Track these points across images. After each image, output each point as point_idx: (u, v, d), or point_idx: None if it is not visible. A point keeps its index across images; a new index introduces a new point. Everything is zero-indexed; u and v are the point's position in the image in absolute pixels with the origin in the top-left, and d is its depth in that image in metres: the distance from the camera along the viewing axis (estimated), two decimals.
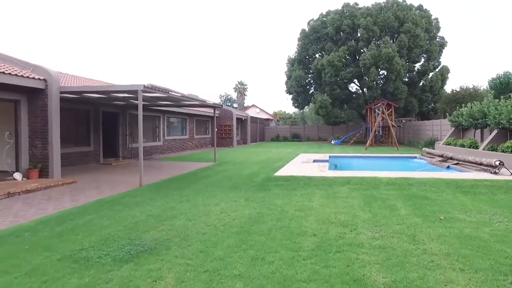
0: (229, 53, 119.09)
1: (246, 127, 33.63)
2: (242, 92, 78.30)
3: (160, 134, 21.05)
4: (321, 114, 30.43)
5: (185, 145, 24.34)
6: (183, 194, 8.24)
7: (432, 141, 21.40)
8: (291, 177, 9.93)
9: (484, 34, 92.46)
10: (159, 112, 20.58)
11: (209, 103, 14.84)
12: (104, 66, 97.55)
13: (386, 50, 26.44)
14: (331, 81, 28.97)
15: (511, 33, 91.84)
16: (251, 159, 17.15)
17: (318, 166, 12.22)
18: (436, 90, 30.04)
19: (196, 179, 10.61)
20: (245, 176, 10.95)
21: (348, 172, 10.56)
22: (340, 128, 37.76)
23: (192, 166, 14.28)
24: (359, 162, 16.59)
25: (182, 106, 17.47)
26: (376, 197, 7.34)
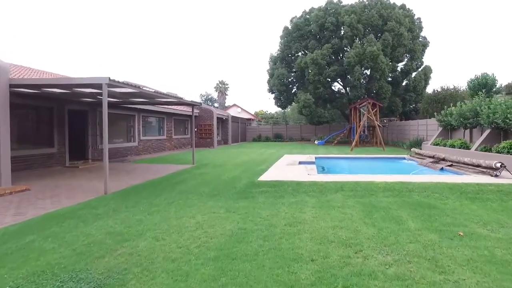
0: (210, 51, 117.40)
1: (227, 127, 32.50)
2: (223, 92, 76.99)
3: (135, 134, 19.68)
4: (304, 114, 29.65)
5: (163, 145, 23.00)
6: (154, 203, 7.10)
7: (419, 141, 20.93)
8: (277, 182, 8.91)
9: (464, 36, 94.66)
10: (134, 111, 19.20)
11: (186, 100, 13.68)
12: (85, 67, 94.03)
13: (370, 48, 25.90)
14: (314, 79, 28.23)
15: (489, 35, 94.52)
16: (232, 160, 16.08)
17: (306, 169, 11.27)
18: (419, 90, 29.81)
19: (171, 184, 9.46)
20: (226, 181, 9.87)
21: (339, 176, 9.65)
22: (323, 128, 37.15)
23: (168, 169, 13.09)
24: (347, 163, 15.80)
25: (158, 104, 16.23)
26: (376, 206, 6.42)
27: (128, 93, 11.10)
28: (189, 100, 13.83)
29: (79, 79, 8.60)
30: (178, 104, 15.59)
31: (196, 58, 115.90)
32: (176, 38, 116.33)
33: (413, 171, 11.82)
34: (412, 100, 30.29)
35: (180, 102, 14.05)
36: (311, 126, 39.09)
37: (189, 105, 15.12)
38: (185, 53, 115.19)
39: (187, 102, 13.87)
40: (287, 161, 14.53)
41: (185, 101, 13.71)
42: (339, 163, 15.89)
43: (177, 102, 14.49)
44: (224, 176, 10.72)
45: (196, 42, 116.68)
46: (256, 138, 39.93)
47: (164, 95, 11.84)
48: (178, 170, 12.70)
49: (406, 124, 26.72)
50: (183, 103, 14.85)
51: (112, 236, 4.98)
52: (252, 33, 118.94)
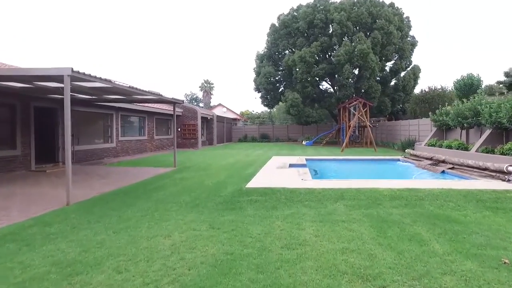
0: (195, 50, 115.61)
1: (212, 127, 31.31)
2: (209, 91, 75.68)
3: (113, 135, 18.31)
4: (292, 113, 28.75)
5: (143, 146, 21.67)
6: (124, 216, 5.97)
7: (411, 142, 20.27)
8: (268, 189, 7.86)
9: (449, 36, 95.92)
10: (111, 109, 17.85)
11: (167, 98, 12.50)
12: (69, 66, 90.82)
13: (360, 46, 25.20)
14: (302, 78, 27.37)
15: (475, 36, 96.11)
16: (217, 163, 14.97)
17: (298, 173, 10.27)
18: (409, 90, 29.35)
19: (147, 192, 8.31)
20: (210, 187, 8.77)
21: (336, 182, 8.67)
22: (311, 128, 36.40)
23: (146, 173, 11.90)
24: (340, 166, 14.90)
25: (136, 101, 14.97)
26: (387, 219, 5.46)
27: (99, 88, 9.87)
28: (169, 97, 12.65)
29: (36, 70, 7.34)
30: (158, 102, 14.38)
31: (181, 57, 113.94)
32: (160, 36, 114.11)
33: (414, 175, 10.99)
34: (402, 100, 29.80)
35: (160, 99, 12.87)
36: (298, 126, 38.31)
37: (170, 103, 13.94)
38: (169, 51, 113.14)
39: (167, 99, 12.69)
40: (276, 163, 13.52)
41: (165, 99, 12.53)
42: (331, 165, 14.98)
43: (156, 100, 13.29)
44: (208, 182, 9.61)
45: (180, 40, 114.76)
46: (242, 138, 38.86)
47: (141, 92, 10.64)
48: (157, 174, 11.52)
49: (396, 124, 26.13)
50: (163, 101, 13.65)
51: (60, 267, 3.84)
52: (238, 31, 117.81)
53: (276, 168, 11.73)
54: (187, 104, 27.24)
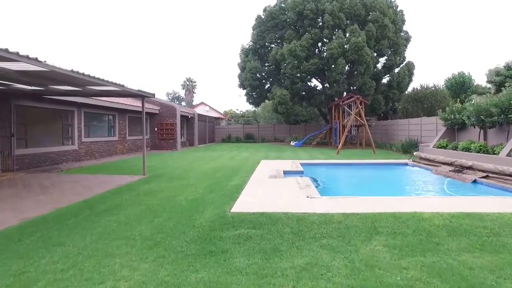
0: (177, 47, 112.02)
1: (193, 126, 28.74)
2: (191, 90, 72.98)
3: (74, 135, 15.60)
4: (280, 111, 26.48)
5: (113, 148, 18.98)
6: (28, 274, 3.56)
7: (412, 143, 18.34)
8: (263, 215, 5.51)
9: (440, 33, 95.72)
10: (71, 105, 15.14)
11: (131, 89, 9.98)
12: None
13: (355, 39, 23.19)
14: (292, 73, 25.16)
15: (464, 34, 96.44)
16: (196, 169, 12.56)
17: (299, 185, 7.99)
18: (403, 87, 27.60)
19: (93, 216, 5.87)
20: (182, 208, 6.38)
21: (356, 200, 6.39)
22: (299, 128, 34.30)
23: (106, 183, 9.41)
24: (343, 172, 12.73)
25: (94, 94, 12.36)
26: (470, 280, 3.22)
27: (33, 73, 7.33)
28: (135, 89, 10.14)
29: None
30: (122, 95, 11.83)
31: (162, 54, 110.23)
32: (140, 32, 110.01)
33: (443, 186, 8.90)
34: (396, 97, 28.02)
35: (123, 91, 10.35)
36: (285, 126, 36.19)
37: (137, 96, 11.44)
38: (150, 48, 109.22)
39: (133, 92, 10.17)
40: (267, 170, 11.22)
41: (130, 91, 10.01)
42: (333, 172, 12.80)
43: (120, 93, 10.79)
44: (181, 198, 7.22)
45: (162, 36, 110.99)
46: (225, 138, 36.41)
47: (95, 80, 8.16)
48: (119, 185, 9.03)
49: (393, 123, 24.26)
50: (129, 94, 11.12)
51: None
52: (221, 26, 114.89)
53: (269, 178, 9.40)
54: (164, 101, 24.64)
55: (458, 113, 13.69)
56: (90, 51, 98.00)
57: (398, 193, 8.48)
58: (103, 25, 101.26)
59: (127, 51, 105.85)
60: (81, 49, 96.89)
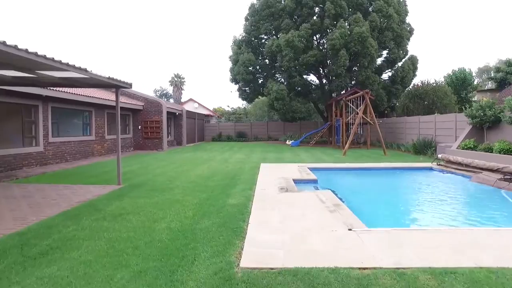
0: (164, 41, 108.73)
1: (181, 124, 26.40)
2: (179, 86, 70.29)
3: (39, 134, 13.19)
4: (276, 108, 24.30)
5: (89, 149, 16.59)
6: None
7: (427, 143, 16.45)
8: (297, 278, 3.30)
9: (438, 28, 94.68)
10: (34, 99, 12.74)
11: (101, 78, 7.70)
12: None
13: (358, 29, 21.19)
14: (289, 66, 23.03)
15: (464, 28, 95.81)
16: (184, 175, 10.37)
17: (324, 205, 5.89)
18: (407, 82, 25.77)
19: (11, 270, 3.63)
20: (161, 252, 4.20)
21: (433, 240, 4.25)
22: (294, 125, 32.32)
23: (64, 199, 7.18)
24: (362, 180, 10.67)
25: (53, 84, 9.95)
26: None
27: None
28: (105, 76, 7.85)
29: None
30: (91, 85, 9.49)
31: (149, 49, 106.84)
32: (124, 25, 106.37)
33: (510, 201, 6.90)
34: (399, 93, 26.18)
35: (90, 79, 8.05)
36: (279, 124, 34.17)
37: (108, 86, 9.16)
38: (136, 43, 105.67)
39: (102, 79, 7.86)
40: (272, 178, 9.10)
41: (97, 78, 7.70)
42: (350, 179, 10.74)
43: (85, 81, 8.49)
44: (162, 227, 5.05)
45: (148, 30, 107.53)
46: (216, 137, 34.15)
47: (44, 60, 5.91)
48: (81, 202, 6.81)
49: (400, 121, 22.37)
50: (97, 83, 8.77)
51: None
52: (210, 21, 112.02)
53: (279, 191, 7.27)
54: (149, 96, 22.25)
55: (489, 109, 11.84)
56: (70, 46, 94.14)
57: (457, 214, 6.48)
58: (80, 20, 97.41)
59: (110, 45, 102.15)
60: (60, 44, 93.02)
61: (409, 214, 6.88)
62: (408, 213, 6.92)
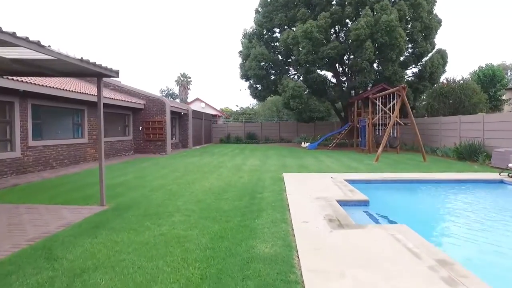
0: (170, 41, 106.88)
1: (187, 124, 24.14)
2: (185, 86, 68.40)
3: (15, 137, 10.99)
4: (293, 107, 21.83)
5: (81, 154, 14.39)
6: None
7: (476, 147, 13.92)
8: None
9: None
10: (9, 94, 10.55)
11: (71, 60, 5.41)
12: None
13: (386, 17, 18.72)
14: (307, 60, 20.60)
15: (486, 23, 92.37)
16: (188, 191, 8.05)
17: (424, 264, 3.53)
18: (436, 79, 23.17)
19: None
20: None
21: None
22: (307, 127, 29.89)
23: (12, 234, 4.95)
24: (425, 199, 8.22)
25: (7, 72, 7.66)
26: None
27: None
28: (76, 58, 5.55)
29: None
30: (63, 73, 7.19)
31: (154, 48, 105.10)
32: (130, 25, 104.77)
33: None
34: (427, 91, 23.63)
35: (59, 63, 5.77)
36: (292, 125, 31.81)
37: (88, 74, 6.87)
38: (140, 43, 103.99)
39: (73, 62, 5.55)
40: (308, 199, 6.74)
41: (68, 60, 5.41)
42: (407, 198, 8.31)
43: (51, 67, 6.21)
44: None
45: (153, 29, 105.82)
46: (224, 139, 31.86)
47: None
48: (30, 242, 4.52)
49: (433, 122, 19.76)
50: (72, 70, 6.48)
51: None
52: (217, 18, 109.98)
53: (330, 226, 4.87)
54: (151, 94, 20.02)
55: None
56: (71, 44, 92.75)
57: None
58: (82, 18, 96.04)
59: (114, 45, 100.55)
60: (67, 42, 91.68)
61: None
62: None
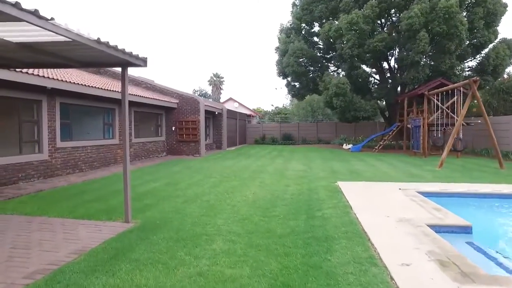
0: (202, 41, 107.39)
1: (221, 124, 23.00)
2: (218, 86, 67.90)
3: (42, 138, 10.16)
4: (336, 105, 20.01)
5: (111, 155, 13.52)
6: None
7: None
8: None
9: None
10: (36, 92, 9.71)
11: (88, 41, 4.20)
12: None
13: (445, 2, 16.54)
14: (352, 54, 18.76)
15: None
16: (227, 205, 6.69)
17: None
18: (500, 72, 20.46)
19: None
20: None
21: None
22: (347, 127, 27.82)
23: (10, 265, 3.69)
24: None
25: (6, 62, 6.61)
26: None
27: None
28: (92, 38, 4.33)
29: None
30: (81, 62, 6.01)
31: (186, 49, 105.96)
32: (162, 25, 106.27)
33: None
34: (490, 86, 20.95)
35: (74, 46, 4.56)
36: (330, 125, 29.92)
37: (109, 63, 5.67)
38: (173, 42, 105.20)
39: (90, 45, 4.34)
40: (385, 220, 5.19)
41: (84, 42, 4.21)
42: None
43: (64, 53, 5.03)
44: None
45: (186, 30, 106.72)
46: (259, 139, 30.47)
47: None
48: (29, 281, 3.26)
49: (503, 121, 17.07)
50: (91, 57, 5.28)
51: None
52: (248, 20, 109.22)
53: (444, 271, 3.28)
54: (184, 93, 19.02)
55: None
56: None
57: None
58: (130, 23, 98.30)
59: (147, 46, 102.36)
60: None
61: None
62: None
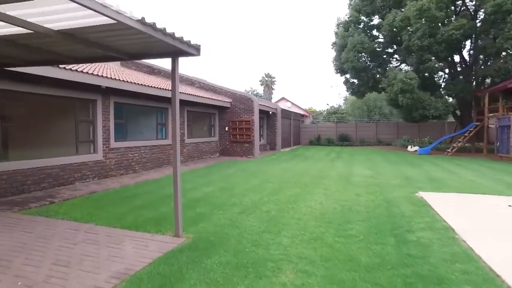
0: (255, 40, 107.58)
1: (275, 124, 22.08)
2: (270, 86, 67.38)
3: (96, 138, 9.98)
4: (402, 103, 18.08)
5: (164, 156, 13.22)
6: None
7: None
8: None
9: None
10: (91, 91, 9.52)
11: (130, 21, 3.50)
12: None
13: None
14: (421, 45, 16.78)
15: None
16: (291, 218, 5.70)
17: None
18: None
19: None
20: None
21: None
22: (409, 127, 25.47)
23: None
24: None
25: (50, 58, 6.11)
26: None
27: None
28: (134, 18, 3.59)
29: None
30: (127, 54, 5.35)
31: (239, 49, 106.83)
32: (215, 26, 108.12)
33: None
34: None
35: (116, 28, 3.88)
36: (391, 125, 27.73)
37: (159, 52, 4.94)
38: (225, 43, 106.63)
39: (134, 26, 3.63)
40: None
41: (127, 23, 3.50)
42: None
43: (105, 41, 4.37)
44: None
45: (238, 30, 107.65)
46: (314, 140, 29.08)
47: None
48: None
49: None
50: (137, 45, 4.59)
51: None
52: (302, 17, 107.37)
53: None
54: (238, 91, 18.38)
55: None
56: None
57: None
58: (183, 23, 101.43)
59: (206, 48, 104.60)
60: None
61: None
62: None
